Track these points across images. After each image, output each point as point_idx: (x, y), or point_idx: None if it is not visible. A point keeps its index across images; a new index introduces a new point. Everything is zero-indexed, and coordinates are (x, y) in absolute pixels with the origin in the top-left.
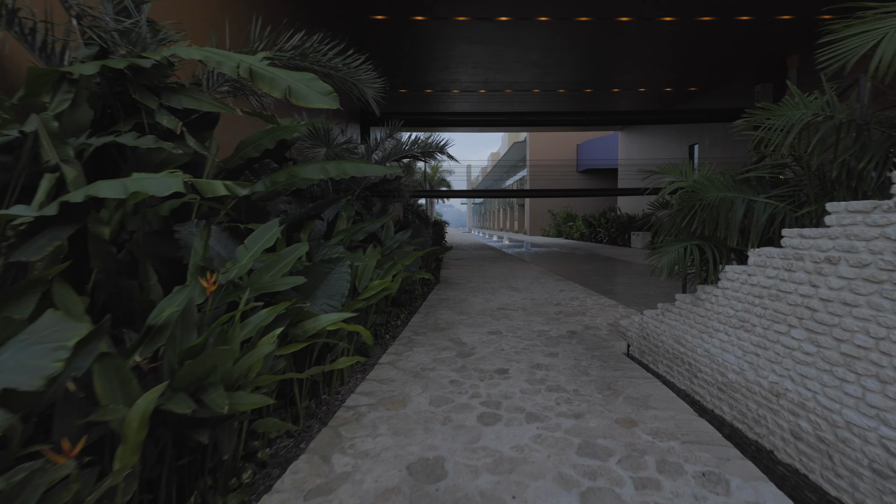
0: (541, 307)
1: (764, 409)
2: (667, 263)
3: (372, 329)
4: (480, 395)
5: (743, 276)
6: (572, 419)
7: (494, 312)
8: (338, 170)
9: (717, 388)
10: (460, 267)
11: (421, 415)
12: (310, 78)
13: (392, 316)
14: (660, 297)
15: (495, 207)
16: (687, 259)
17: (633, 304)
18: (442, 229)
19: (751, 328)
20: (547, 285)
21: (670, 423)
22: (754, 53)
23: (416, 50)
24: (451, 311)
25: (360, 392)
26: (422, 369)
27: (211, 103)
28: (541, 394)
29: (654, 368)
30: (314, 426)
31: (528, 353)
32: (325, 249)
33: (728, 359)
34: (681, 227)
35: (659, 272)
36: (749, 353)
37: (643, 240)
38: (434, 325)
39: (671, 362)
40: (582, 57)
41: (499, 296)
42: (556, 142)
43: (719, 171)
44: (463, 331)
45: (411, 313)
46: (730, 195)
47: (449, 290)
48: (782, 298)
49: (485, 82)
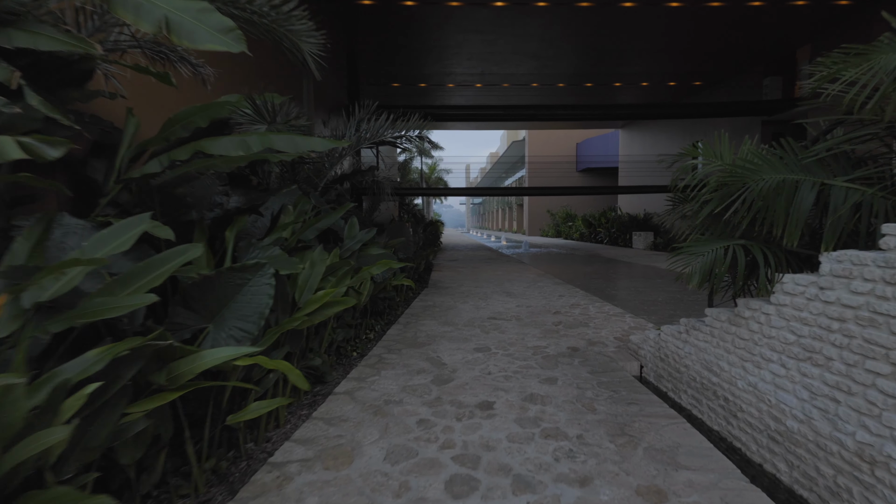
0: (537, 316)
1: (847, 477)
2: (699, 269)
3: (334, 348)
4: (454, 443)
5: (811, 290)
6: (577, 487)
7: (484, 323)
8: (262, 143)
9: (767, 437)
10: (453, 269)
11: (369, 479)
12: (201, 8)
13: (363, 328)
14: (671, 306)
15: (494, 207)
16: (727, 263)
17: (641, 313)
18: (437, 229)
19: (824, 362)
20: (545, 290)
21: (714, 497)
22: (762, 44)
23: (407, 40)
24: (436, 320)
25: (297, 439)
26: (385, 402)
27: (52, 38)
28: (534, 442)
29: (676, 398)
30: (216, 498)
31: (520, 377)
32: (256, 252)
33: (786, 400)
34: (715, 223)
35: (687, 279)
36: (821, 397)
37: (645, 240)
38: (412, 339)
39: (698, 393)
40: (582, 47)
41: (491, 302)
42: (555, 140)
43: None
44: (445, 347)
45: (389, 323)
46: (792, 177)
47: (437, 296)
48: (881, 325)
49: (481, 75)
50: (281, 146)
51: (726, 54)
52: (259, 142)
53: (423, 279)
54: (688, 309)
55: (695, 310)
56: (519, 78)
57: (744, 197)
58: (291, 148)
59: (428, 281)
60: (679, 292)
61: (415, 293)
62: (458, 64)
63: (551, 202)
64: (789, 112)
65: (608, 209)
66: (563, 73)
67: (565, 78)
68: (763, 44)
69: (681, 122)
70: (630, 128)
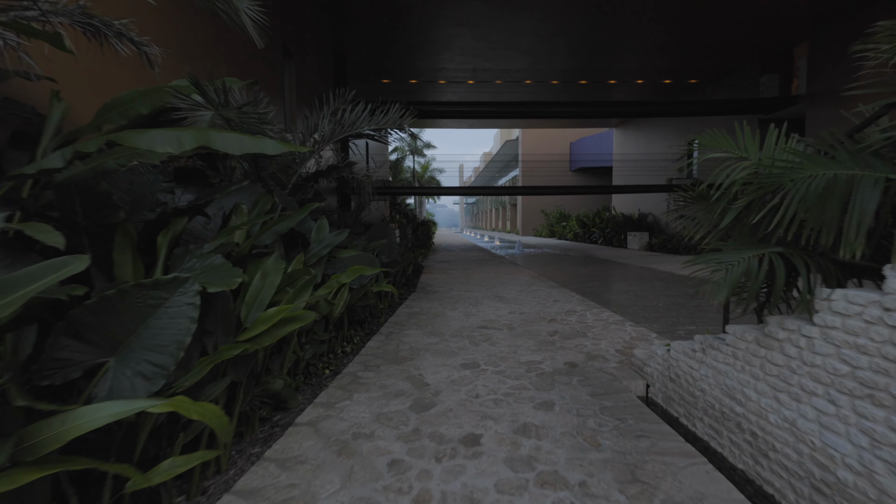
0: (531, 324)
1: None
2: (729, 281)
3: (302, 367)
4: (431, 495)
5: (873, 311)
6: None
7: (474, 333)
8: (197, 139)
9: (809, 486)
10: (443, 271)
11: None
12: None
13: (339, 341)
14: (673, 312)
15: (487, 207)
16: (761, 276)
17: (642, 321)
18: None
19: (892, 403)
20: (539, 294)
21: None
22: (759, 41)
23: (397, 34)
24: (421, 330)
25: (240, 490)
26: (354, 436)
27: None
28: (528, 492)
29: (689, 426)
30: None
31: (512, 401)
32: (193, 261)
33: (836, 444)
34: (738, 226)
35: (711, 294)
36: (887, 446)
37: (640, 240)
38: (394, 353)
39: (718, 423)
40: (576, 43)
41: (482, 308)
42: (549, 139)
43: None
44: (429, 363)
45: (371, 333)
46: (846, 172)
47: (425, 301)
48: None
49: (473, 71)
50: (219, 145)
51: (723, 51)
52: (193, 138)
53: (412, 282)
54: (691, 316)
55: (698, 318)
56: (512, 74)
57: (789, 198)
58: (234, 148)
59: (416, 284)
60: (679, 297)
61: (401, 298)
62: (450, 60)
63: (545, 202)
64: (786, 110)
65: (602, 209)
66: (557, 70)
67: (559, 75)
68: (760, 40)
69: (676, 121)
70: (624, 127)
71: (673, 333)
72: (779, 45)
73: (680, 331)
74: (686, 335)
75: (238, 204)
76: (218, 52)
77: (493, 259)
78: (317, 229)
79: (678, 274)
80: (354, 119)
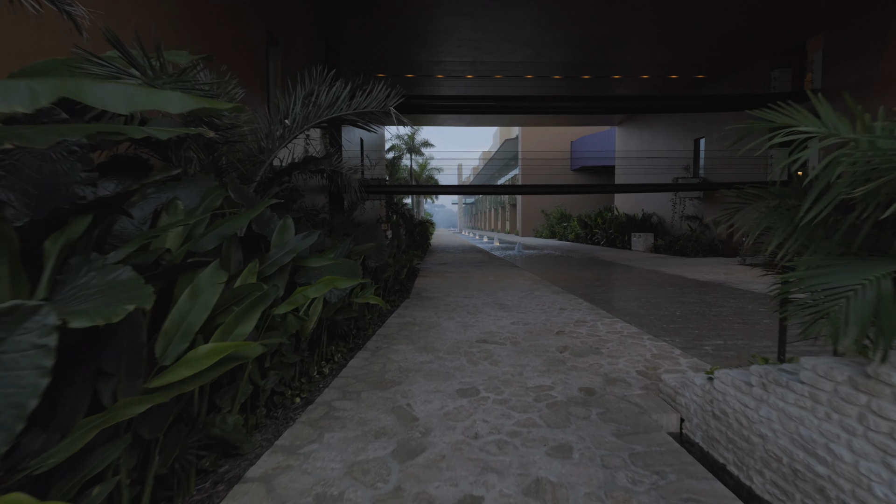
0: (537, 338)
1: None
2: (855, 313)
3: (264, 398)
4: None
5: None
6: None
7: (472, 349)
8: (58, 89)
9: None
10: (440, 274)
11: None
12: None
13: (314, 361)
14: (695, 322)
15: (486, 207)
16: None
17: (661, 333)
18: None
19: None
20: (543, 300)
21: None
22: (770, 34)
23: (392, 23)
24: (413, 345)
25: None
26: (317, 499)
27: None
28: None
29: (741, 477)
30: None
31: (519, 444)
32: (91, 274)
33: None
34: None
35: (831, 335)
36: None
37: (645, 242)
38: (379, 374)
39: (787, 482)
40: (579, 34)
41: (482, 318)
42: (549, 138)
43: None
44: (419, 388)
45: (355, 349)
46: None
47: (419, 309)
48: None
49: (472, 65)
50: (94, 99)
51: (732, 44)
52: (54, 89)
53: (406, 287)
54: (715, 328)
55: (724, 330)
56: (512, 68)
57: None
58: (119, 105)
59: (411, 289)
60: (696, 304)
61: (393, 306)
62: (448, 52)
63: (545, 202)
64: (801, 105)
65: (604, 209)
66: (558, 63)
67: (561, 68)
68: (771, 33)
69: (681, 118)
70: (627, 124)
71: (699, 349)
72: (792, 37)
73: (706, 346)
74: (714, 351)
75: (172, 199)
76: (189, 32)
77: (492, 261)
78: (278, 231)
79: (690, 278)
80: (332, 100)
